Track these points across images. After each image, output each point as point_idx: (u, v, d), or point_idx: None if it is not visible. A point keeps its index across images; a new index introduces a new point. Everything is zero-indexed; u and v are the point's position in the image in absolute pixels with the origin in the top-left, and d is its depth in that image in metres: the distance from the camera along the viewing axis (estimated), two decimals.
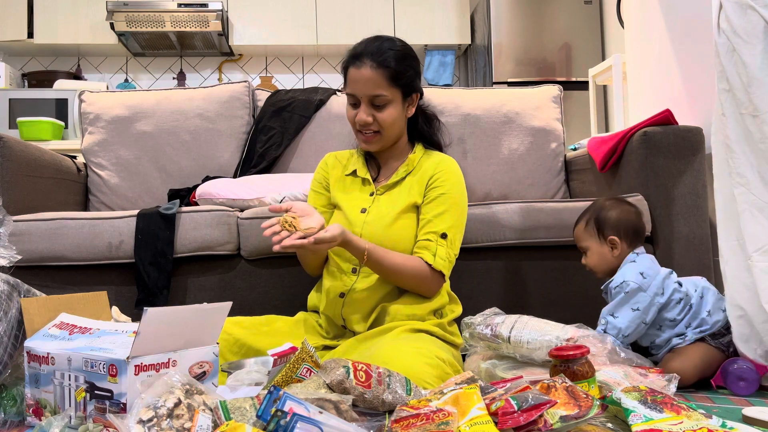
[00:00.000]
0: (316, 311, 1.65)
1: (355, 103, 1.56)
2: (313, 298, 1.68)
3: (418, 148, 1.66)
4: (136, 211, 1.90)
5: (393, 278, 1.53)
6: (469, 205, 1.92)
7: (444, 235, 1.53)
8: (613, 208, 1.65)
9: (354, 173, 1.66)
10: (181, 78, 4.61)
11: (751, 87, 1.45)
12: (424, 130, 1.69)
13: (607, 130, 3.84)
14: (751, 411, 1.19)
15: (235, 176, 2.34)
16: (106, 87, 4.19)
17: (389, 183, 1.62)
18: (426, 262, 1.51)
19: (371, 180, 1.64)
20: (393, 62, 1.52)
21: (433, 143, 1.70)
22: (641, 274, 1.55)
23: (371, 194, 1.62)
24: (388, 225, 1.55)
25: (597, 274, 1.68)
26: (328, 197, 1.69)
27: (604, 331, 1.52)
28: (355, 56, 1.54)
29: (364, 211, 1.59)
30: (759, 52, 1.44)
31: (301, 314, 1.66)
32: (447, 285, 1.62)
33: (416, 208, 1.59)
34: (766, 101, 1.43)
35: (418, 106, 1.66)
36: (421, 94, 1.64)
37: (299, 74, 4.74)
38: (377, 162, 1.68)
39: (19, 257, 1.32)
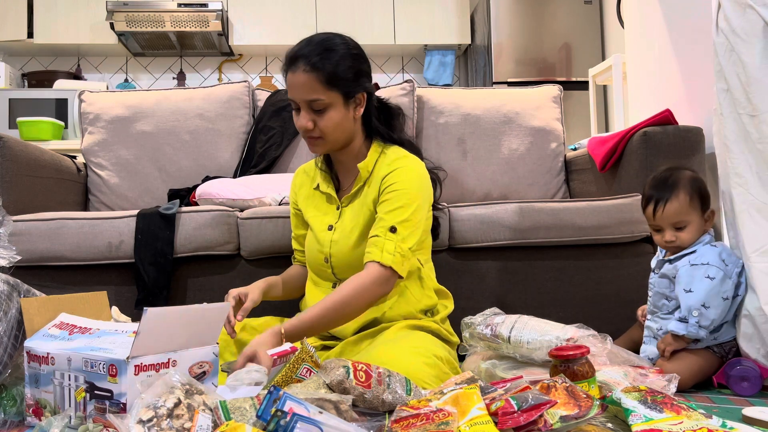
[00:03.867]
0: None
1: (297, 108, 1.48)
2: (303, 305, 1.66)
3: (372, 150, 1.55)
4: (136, 211, 1.90)
5: (348, 318, 1.43)
6: (469, 205, 1.93)
7: (393, 229, 1.43)
8: (701, 180, 1.56)
9: (319, 187, 1.61)
10: (181, 78, 4.62)
11: (750, 87, 1.45)
12: (379, 128, 1.58)
13: (607, 130, 3.84)
14: (751, 411, 1.18)
15: (235, 176, 2.34)
16: (106, 87, 4.19)
17: (350, 194, 1.55)
18: (374, 261, 1.41)
19: (335, 194, 1.58)
20: (328, 64, 1.42)
21: (392, 139, 1.59)
22: (723, 260, 1.48)
23: (338, 208, 1.57)
24: (355, 245, 1.49)
25: (679, 249, 1.55)
26: (300, 217, 1.67)
27: (698, 324, 1.44)
28: (290, 60, 1.45)
29: (330, 228, 1.55)
30: (758, 51, 1.44)
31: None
32: (432, 283, 1.59)
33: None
34: (765, 101, 1.43)
35: (377, 101, 1.58)
36: (370, 92, 1.53)
37: None
38: (336, 171, 1.61)
39: (19, 257, 1.32)
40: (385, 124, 1.60)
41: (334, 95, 1.45)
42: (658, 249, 1.64)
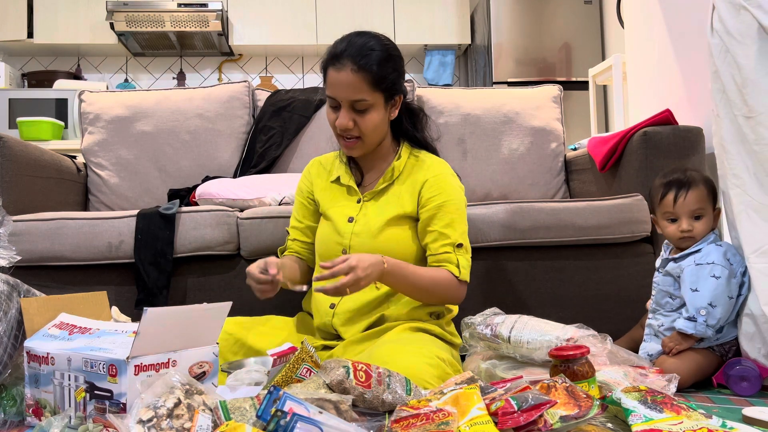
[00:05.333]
0: (310, 313, 1.65)
1: (336, 105, 1.48)
2: (306, 303, 1.67)
3: (404, 151, 1.59)
4: (136, 211, 1.90)
5: (422, 295, 1.49)
6: (468, 205, 1.93)
7: (460, 245, 1.51)
8: (711, 179, 1.58)
9: (338, 180, 1.61)
10: (181, 78, 4.62)
11: (746, 88, 1.44)
12: (409, 129, 1.61)
13: (607, 130, 3.84)
14: (751, 411, 1.18)
15: (234, 176, 2.34)
16: (106, 87, 4.20)
17: (376, 190, 1.56)
18: (452, 274, 1.49)
19: (356, 187, 1.58)
20: (375, 65, 1.44)
21: (419, 142, 1.63)
22: (728, 259, 1.49)
23: (358, 201, 1.57)
24: (375, 235, 1.51)
25: (692, 242, 1.54)
26: (311, 209, 1.65)
27: (705, 323, 1.45)
28: (335, 56, 1.45)
29: (351, 220, 1.54)
30: (753, 52, 1.43)
31: (300, 314, 1.66)
32: None
33: (409, 219, 1.54)
34: (760, 102, 1.43)
35: (402, 103, 1.58)
36: (405, 94, 1.57)
37: (299, 74, 4.74)
38: (360, 167, 1.62)
39: (19, 257, 1.32)
40: (412, 126, 1.62)
41: (378, 96, 1.47)
42: (663, 249, 1.63)
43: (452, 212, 1.52)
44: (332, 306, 1.52)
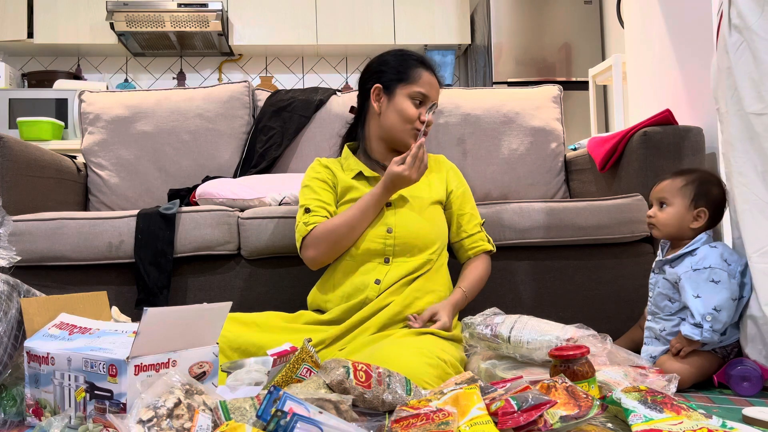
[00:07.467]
0: (318, 311, 1.65)
1: (421, 101, 1.68)
2: (318, 298, 1.67)
3: None
4: (136, 211, 1.90)
5: (479, 290, 1.73)
6: None
7: (483, 223, 1.79)
8: (717, 186, 1.57)
9: (360, 175, 1.71)
10: (181, 78, 4.62)
11: (764, 84, 1.43)
12: None
13: (607, 130, 3.84)
14: (751, 411, 1.18)
15: (235, 176, 2.34)
16: (106, 87, 4.19)
17: None
18: (486, 252, 1.75)
19: (380, 177, 1.66)
20: None
21: None
22: (725, 260, 1.48)
23: None
24: (420, 212, 1.66)
25: (658, 232, 1.58)
26: (334, 196, 1.71)
27: (711, 328, 1.44)
28: (430, 66, 1.73)
29: (389, 204, 1.66)
30: None
31: (300, 312, 1.66)
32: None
33: (440, 204, 1.73)
34: None
35: None
36: None
37: (299, 74, 4.74)
38: (378, 162, 1.74)
39: (19, 258, 1.32)
40: None
41: None
42: (660, 248, 1.63)
43: (471, 198, 1.81)
44: (377, 281, 1.59)
